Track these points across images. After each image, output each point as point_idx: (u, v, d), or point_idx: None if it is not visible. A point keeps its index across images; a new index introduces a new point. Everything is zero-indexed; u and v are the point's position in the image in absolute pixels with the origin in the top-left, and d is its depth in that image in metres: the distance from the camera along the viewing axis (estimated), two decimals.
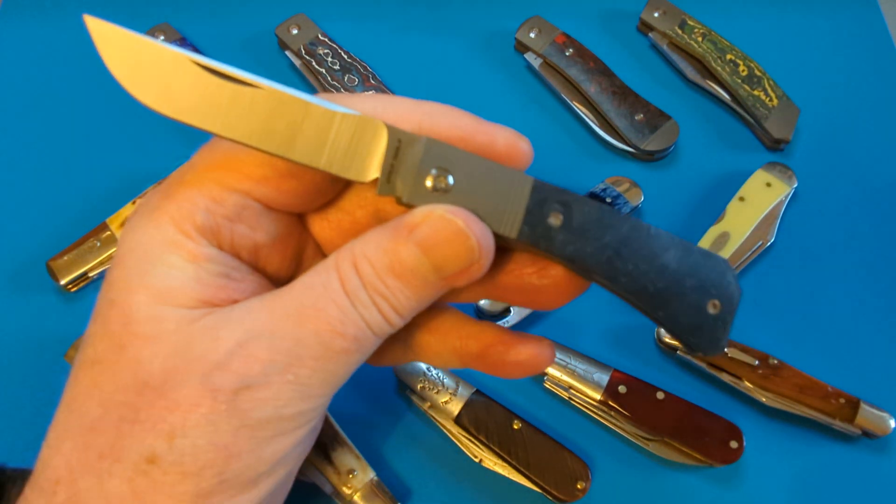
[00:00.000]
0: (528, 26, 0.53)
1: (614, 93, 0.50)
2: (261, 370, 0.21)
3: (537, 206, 0.22)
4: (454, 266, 0.22)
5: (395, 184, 0.22)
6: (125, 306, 0.22)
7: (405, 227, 0.22)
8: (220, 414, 0.21)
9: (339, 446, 0.38)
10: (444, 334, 0.26)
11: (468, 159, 0.22)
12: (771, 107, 0.50)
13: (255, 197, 0.23)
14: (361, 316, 0.22)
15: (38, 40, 0.54)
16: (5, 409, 0.41)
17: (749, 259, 0.45)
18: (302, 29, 0.52)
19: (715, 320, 0.23)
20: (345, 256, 0.22)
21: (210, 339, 0.21)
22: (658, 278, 0.22)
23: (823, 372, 0.42)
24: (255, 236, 0.24)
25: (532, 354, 0.25)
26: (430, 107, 0.23)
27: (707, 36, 0.52)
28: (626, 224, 0.22)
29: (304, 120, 0.21)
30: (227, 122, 0.20)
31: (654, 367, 0.44)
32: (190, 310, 0.22)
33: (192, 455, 0.21)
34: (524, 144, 0.24)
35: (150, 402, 0.21)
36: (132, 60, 0.20)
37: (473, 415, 0.40)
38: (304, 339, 0.21)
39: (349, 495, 0.37)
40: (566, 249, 0.22)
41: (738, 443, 0.39)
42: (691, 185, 0.50)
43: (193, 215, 0.22)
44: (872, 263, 0.47)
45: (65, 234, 0.45)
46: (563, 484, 0.38)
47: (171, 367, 0.21)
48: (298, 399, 0.22)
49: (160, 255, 0.22)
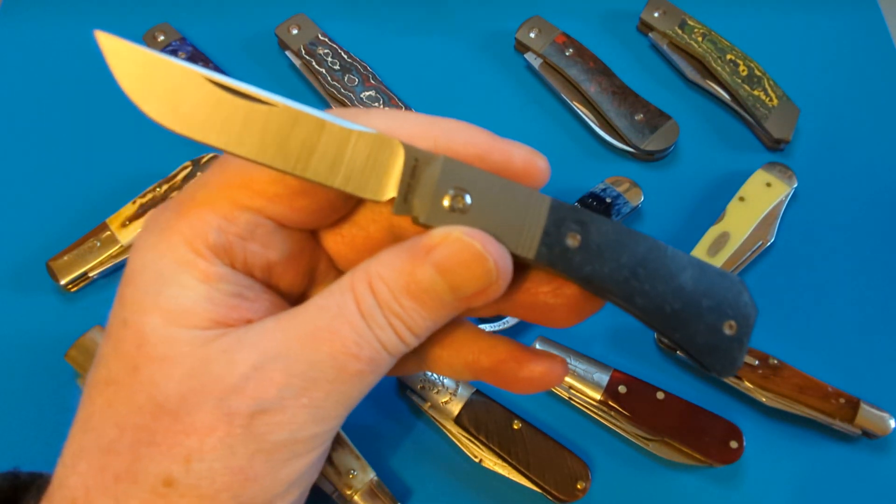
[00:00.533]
0: (528, 26, 0.53)
1: (614, 93, 0.50)
2: (276, 394, 0.21)
3: (555, 226, 0.22)
4: (471, 288, 0.21)
5: (411, 203, 0.21)
6: (138, 327, 0.22)
7: (422, 249, 0.21)
8: (236, 438, 0.21)
9: (339, 446, 0.38)
10: (457, 348, 0.26)
11: (485, 178, 0.22)
12: (771, 107, 0.50)
13: (267, 215, 0.23)
14: (377, 337, 0.22)
15: (38, 40, 0.54)
16: (6, 410, 0.41)
17: (749, 259, 0.45)
18: (302, 29, 0.52)
19: (731, 341, 0.22)
20: (360, 277, 0.22)
21: (225, 362, 0.21)
22: (675, 299, 0.22)
23: (823, 372, 0.42)
24: (268, 254, 0.24)
25: (544, 371, 0.25)
26: (445, 123, 0.23)
27: (707, 36, 0.52)
28: (643, 244, 0.22)
29: (320, 138, 0.21)
30: (241, 139, 0.20)
31: (654, 367, 0.44)
32: (203, 331, 0.22)
33: (209, 478, 0.21)
34: (541, 162, 0.24)
35: (166, 425, 0.21)
36: (144, 77, 0.20)
37: (473, 415, 0.40)
38: (319, 363, 0.21)
39: (349, 495, 0.37)
40: (583, 270, 0.22)
41: (738, 443, 0.39)
42: (691, 185, 0.50)
43: (206, 234, 0.22)
44: (872, 263, 0.47)
45: (65, 234, 0.45)
46: (563, 484, 0.38)
47: (186, 391, 0.21)
48: (313, 422, 0.22)
49: (172, 274, 0.22)
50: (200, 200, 0.23)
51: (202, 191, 0.23)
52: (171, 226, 0.22)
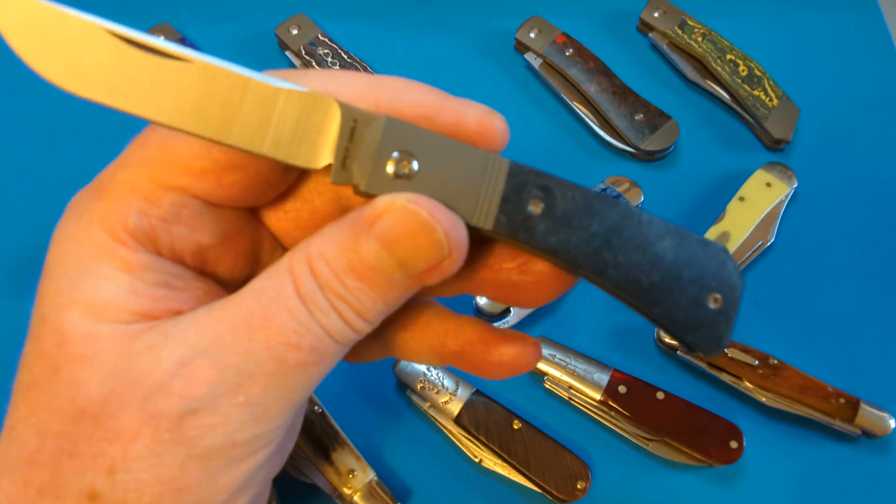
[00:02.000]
0: (528, 26, 0.53)
1: (614, 93, 0.50)
2: (206, 391, 0.19)
3: (515, 192, 0.20)
4: (421, 263, 0.19)
5: (351, 170, 0.19)
6: (57, 324, 0.20)
7: (365, 221, 0.19)
8: (163, 444, 0.19)
9: (339, 446, 0.38)
10: (421, 331, 0.23)
11: (435, 140, 0.19)
12: (771, 107, 0.50)
13: (193, 193, 0.21)
14: (319, 323, 0.19)
15: None
16: (6, 410, 0.41)
17: (749, 259, 0.46)
18: (302, 29, 0.52)
19: (717, 316, 0.20)
20: (300, 257, 0.20)
21: (150, 360, 0.19)
22: (652, 270, 0.20)
23: (823, 372, 0.41)
24: (198, 237, 0.21)
25: (515, 354, 0.23)
26: (390, 82, 0.21)
27: (707, 36, 0.52)
28: (615, 210, 0.20)
29: (243, 98, 0.18)
30: (151, 101, 0.18)
31: (654, 367, 0.44)
32: (127, 325, 0.20)
33: (137, 491, 0.19)
34: (499, 122, 0.21)
35: (88, 432, 0.19)
36: (35, 29, 0.17)
37: (473, 415, 0.40)
38: (254, 353, 0.19)
39: (349, 495, 0.37)
40: (549, 240, 0.20)
41: (738, 443, 0.39)
42: (691, 185, 0.50)
43: (125, 218, 0.20)
44: (872, 263, 0.47)
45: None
46: (563, 484, 0.38)
47: (108, 392, 0.19)
48: (252, 422, 0.19)
49: (91, 265, 0.20)
50: (120, 181, 0.20)
51: (122, 170, 0.21)
52: (89, 211, 0.20)
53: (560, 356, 0.42)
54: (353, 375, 0.43)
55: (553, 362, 0.41)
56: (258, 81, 0.19)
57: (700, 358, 0.42)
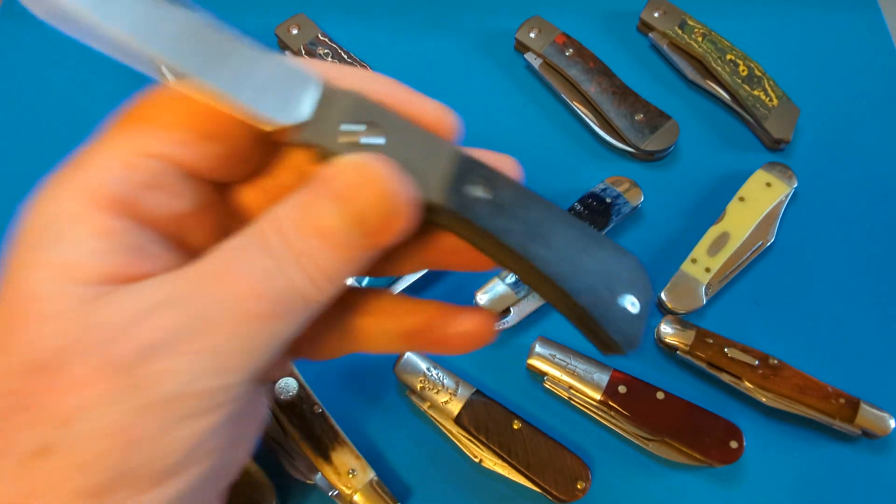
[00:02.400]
0: (528, 26, 0.53)
1: (614, 93, 0.50)
2: (166, 337, 0.18)
3: (464, 175, 0.21)
4: (373, 217, 0.20)
5: (319, 133, 0.21)
6: (22, 284, 0.19)
7: (321, 181, 0.20)
8: (119, 391, 0.18)
9: (339, 446, 0.38)
10: (382, 315, 0.24)
11: (397, 121, 0.21)
12: (771, 107, 0.50)
13: (174, 161, 0.21)
14: (285, 274, 0.20)
15: (37, 41, 0.54)
16: None
17: (749, 259, 0.46)
18: (302, 29, 0.52)
19: (634, 317, 0.22)
20: (267, 219, 0.20)
21: (110, 311, 0.19)
22: (577, 266, 0.22)
23: (823, 372, 0.42)
24: (176, 205, 0.22)
25: (475, 324, 0.24)
26: (363, 73, 0.22)
27: (707, 36, 0.52)
28: (548, 207, 0.22)
29: (231, 51, 0.20)
30: (139, 25, 0.18)
31: (654, 367, 0.44)
32: (95, 286, 0.19)
33: (89, 441, 0.18)
34: (451, 119, 0.23)
35: (42, 385, 0.18)
36: None
37: (473, 415, 0.40)
38: (218, 300, 0.19)
39: (349, 495, 0.37)
40: (492, 222, 0.21)
41: (738, 443, 0.39)
42: (691, 185, 0.50)
43: (105, 185, 0.20)
44: (873, 263, 0.47)
45: None
46: (563, 484, 0.38)
47: (65, 345, 0.18)
48: (211, 372, 0.19)
49: (66, 228, 0.20)
50: (99, 149, 0.21)
51: (100, 142, 0.21)
52: (67, 177, 0.20)
53: (560, 356, 0.42)
54: (353, 375, 0.43)
55: (553, 362, 0.41)
56: (248, 44, 0.20)
57: (700, 357, 0.42)
